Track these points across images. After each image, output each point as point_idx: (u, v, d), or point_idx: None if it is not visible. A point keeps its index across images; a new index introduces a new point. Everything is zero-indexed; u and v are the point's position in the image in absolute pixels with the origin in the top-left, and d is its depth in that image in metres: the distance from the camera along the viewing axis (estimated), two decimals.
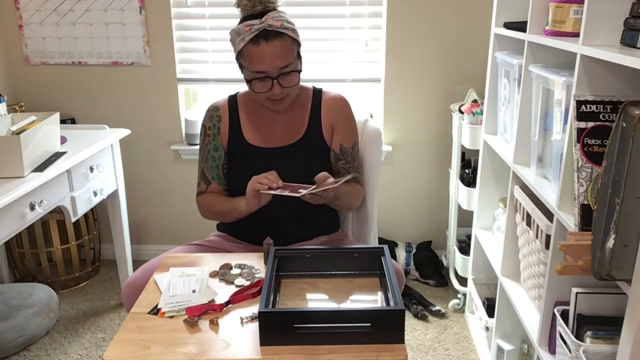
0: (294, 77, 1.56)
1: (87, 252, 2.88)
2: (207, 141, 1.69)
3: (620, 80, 1.29)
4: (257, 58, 1.50)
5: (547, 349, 1.52)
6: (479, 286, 2.35)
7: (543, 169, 1.64)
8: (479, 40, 2.63)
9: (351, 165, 1.69)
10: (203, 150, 1.71)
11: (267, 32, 1.49)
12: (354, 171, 1.68)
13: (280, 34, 1.50)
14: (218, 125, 1.68)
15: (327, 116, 1.68)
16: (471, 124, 2.38)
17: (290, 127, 1.67)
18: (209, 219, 1.73)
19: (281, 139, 1.66)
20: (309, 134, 1.66)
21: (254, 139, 1.66)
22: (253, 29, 1.49)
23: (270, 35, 1.49)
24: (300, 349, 1.11)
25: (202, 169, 1.71)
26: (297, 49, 1.57)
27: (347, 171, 1.67)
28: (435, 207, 2.93)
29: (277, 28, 1.49)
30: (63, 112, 2.87)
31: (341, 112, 1.69)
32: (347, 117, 1.70)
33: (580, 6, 1.38)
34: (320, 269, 1.39)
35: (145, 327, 1.19)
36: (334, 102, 1.69)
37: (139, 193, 3.00)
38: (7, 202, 1.74)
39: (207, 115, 1.71)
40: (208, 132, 1.69)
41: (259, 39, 1.49)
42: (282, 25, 1.50)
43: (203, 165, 1.71)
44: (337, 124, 1.67)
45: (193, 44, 2.79)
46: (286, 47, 1.52)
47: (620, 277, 1.01)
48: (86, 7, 2.72)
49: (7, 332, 2.24)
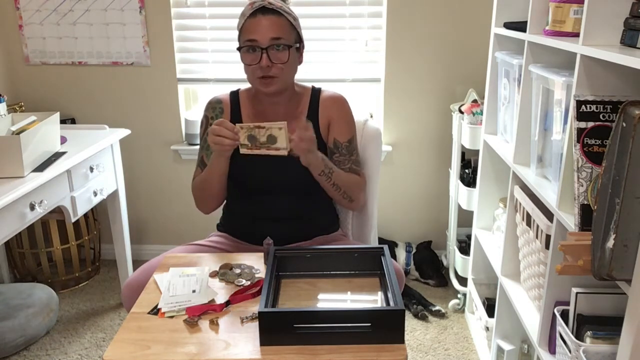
0: (285, 54, 1.55)
1: (87, 252, 2.88)
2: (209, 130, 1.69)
3: (620, 80, 1.29)
4: (252, 28, 1.53)
5: (547, 349, 1.52)
6: (479, 286, 2.35)
7: (543, 169, 1.64)
8: (479, 40, 2.63)
9: (347, 159, 1.67)
10: (203, 139, 1.71)
11: (265, 8, 1.54)
12: (351, 164, 1.67)
13: (278, 12, 1.54)
14: (220, 117, 1.68)
15: (324, 115, 1.67)
16: (471, 124, 2.38)
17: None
18: (201, 204, 1.70)
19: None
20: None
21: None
22: (254, 5, 1.54)
23: (268, 11, 1.54)
24: (300, 349, 1.11)
25: (201, 157, 1.70)
26: (294, 34, 1.59)
27: (342, 164, 1.66)
28: (435, 207, 2.93)
29: (276, 7, 1.54)
30: (63, 112, 2.87)
31: (337, 108, 1.69)
32: (343, 113, 1.69)
33: (580, 6, 1.38)
34: (320, 269, 1.39)
35: (145, 327, 1.19)
36: (330, 100, 1.69)
37: (139, 193, 3.00)
38: (7, 202, 1.74)
39: (210, 107, 1.71)
40: (210, 122, 1.69)
41: (257, 12, 1.54)
42: (282, 8, 1.56)
43: (202, 153, 1.70)
44: (332, 120, 1.67)
45: (193, 44, 2.79)
46: (282, 24, 1.54)
47: (620, 277, 1.01)
48: (86, 7, 2.72)
49: (7, 332, 2.24)
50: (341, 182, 1.60)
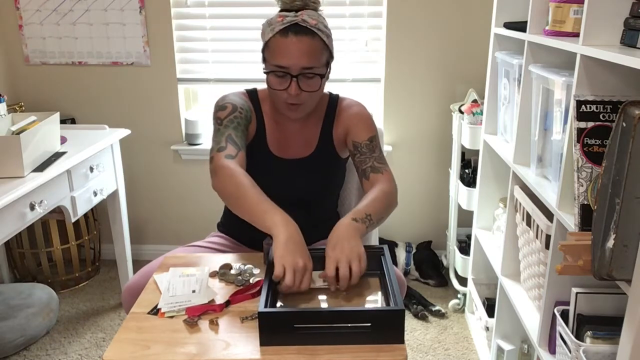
0: (316, 82, 1.45)
1: (87, 252, 2.88)
2: (238, 115, 1.51)
3: (620, 80, 1.29)
4: (282, 51, 1.41)
5: (547, 349, 1.52)
6: (479, 286, 2.35)
7: (543, 169, 1.64)
8: (479, 40, 2.63)
9: (369, 157, 1.54)
10: (230, 119, 1.50)
11: (299, 26, 1.40)
12: (373, 161, 1.53)
13: (312, 32, 1.41)
14: (249, 115, 1.56)
15: (341, 124, 1.59)
16: (471, 124, 2.38)
17: (305, 139, 1.61)
18: (220, 190, 1.40)
19: (296, 151, 1.60)
20: (321, 148, 1.60)
21: (274, 145, 1.60)
22: (286, 20, 1.41)
23: (301, 31, 1.40)
24: (300, 349, 1.11)
25: (229, 135, 1.47)
26: (327, 56, 1.47)
27: (364, 163, 1.53)
28: (435, 207, 2.93)
29: (310, 25, 1.41)
30: (63, 112, 2.87)
31: (354, 114, 1.59)
32: (362, 116, 1.59)
33: (580, 6, 1.38)
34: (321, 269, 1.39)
35: (145, 327, 1.19)
36: (348, 109, 1.60)
37: (139, 193, 3.00)
38: (7, 202, 1.74)
39: (240, 100, 1.56)
40: (240, 110, 1.52)
41: (289, 31, 1.40)
42: (317, 26, 1.42)
43: (230, 132, 1.47)
44: (350, 127, 1.58)
45: (193, 44, 2.79)
46: (315, 48, 1.42)
47: (620, 277, 1.01)
48: (86, 7, 2.72)
49: (7, 332, 2.24)
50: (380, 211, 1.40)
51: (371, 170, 1.51)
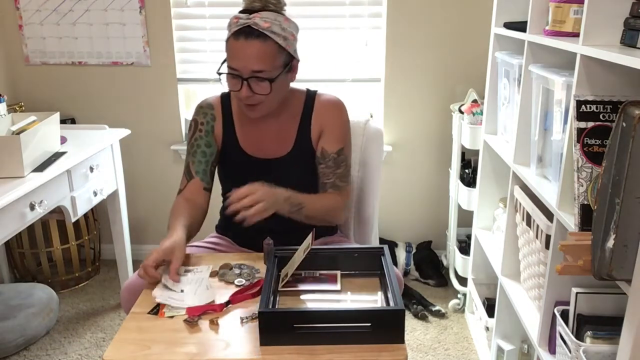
0: (266, 86, 1.44)
1: (87, 252, 2.88)
2: (198, 136, 1.60)
3: (620, 80, 1.29)
4: (234, 53, 1.43)
5: (547, 349, 1.52)
6: (479, 286, 2.35)
7: (543, 169, 1.64)
8: (479, 40, 2.63)
9: (332, 172, 1.57)
10: (191, 144, 1.61)
11: (250, 29, 1.40)
12: (335, 178, 1.57)
13: (263, 36, 1.40)
14: (212, 123, 1.61)
15: (318, 120, 1.58)
16: (471, 124, 2.38)
17: (281, 137, 1.59)
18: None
19: (273, 150, 1.59)
20: (298, 146, 1.58)
21: (248, 146, 1.60)
22: (239, 22, 1.41)
23: (252, 34, 1.40)
24: (300, 349, 1.11)
25: (188, 164, 1.61)
26: (283, 58, 1.46)
27: (327, 176, 1.57)
28: (435, 207, 2.93)
29: (262, 29, 1.40)
30: (63, 112, 2.87)
31: (331, 115, 1.59)
32: (337, 120, 1.59)
33: (580, 6, 1.38)
34: (321, 269, 1.39)
35: (145, 327, 1.19)
36: (326, 106, 1.60)
37: (139, 193, 3.00)
38: (7, 202, 1.74)
39: (201, 111, 1.63)
40: (200, 127, 1.60)
41: (241, 34, 1.41)
42: (270, 29, 1.41)
43: (189, 160, 1.61)
44: (325, 127, 1.58)
45: (193, 44, 2.79)
46: (266, 52, 1.41)
47: (620, 277, 1.01)
48: (86, 7, 2.71)
49: (7, 332, 2.24)
50: (315, 211, 1.51)
51: (330, 187, 1.58)
